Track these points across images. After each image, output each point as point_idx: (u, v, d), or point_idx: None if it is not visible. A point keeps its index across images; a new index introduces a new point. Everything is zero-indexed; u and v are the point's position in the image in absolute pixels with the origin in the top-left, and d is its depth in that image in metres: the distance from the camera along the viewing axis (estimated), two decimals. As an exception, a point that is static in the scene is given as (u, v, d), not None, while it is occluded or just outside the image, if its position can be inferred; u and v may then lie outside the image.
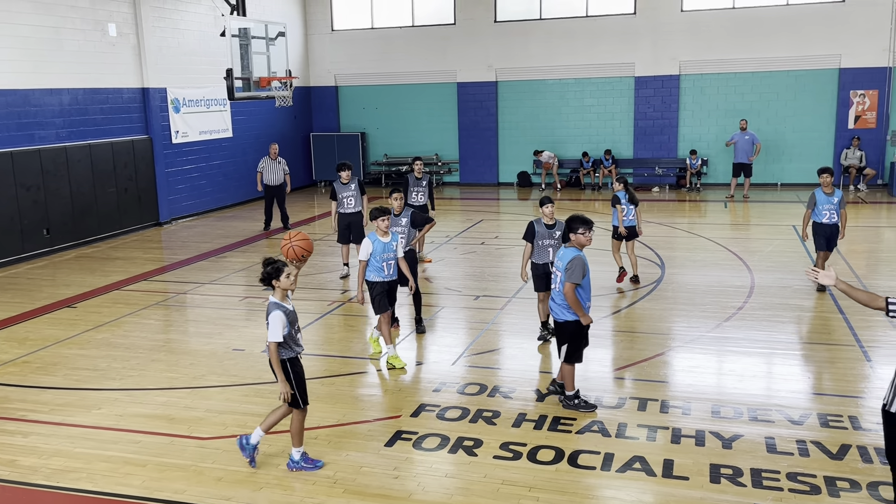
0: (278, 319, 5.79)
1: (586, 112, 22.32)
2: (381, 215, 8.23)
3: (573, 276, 6.79)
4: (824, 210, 10.84)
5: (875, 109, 20.11)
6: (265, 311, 5.97)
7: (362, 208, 12.17)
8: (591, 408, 7.07)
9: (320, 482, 5.91)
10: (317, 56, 24.18)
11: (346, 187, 12.03)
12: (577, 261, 6.82)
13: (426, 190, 12.99)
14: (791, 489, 5.62)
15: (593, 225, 7.12)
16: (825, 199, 10.87)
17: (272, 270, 5.86)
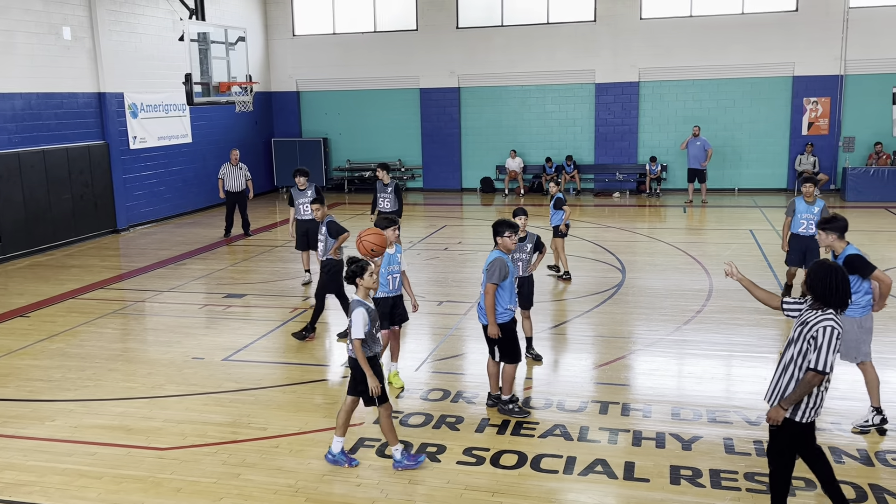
0: (360, 317, 5.89)
1: (548, 118, 22.51)
2: (390, 225, 7.73)
3: (493, 276, 6.77)
4: (802, 219, 10.06)
5: (827, 116, 20.63)
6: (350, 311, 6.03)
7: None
8: (525, 413, 7.04)
9: (282, 491, 5.84)
10: (278, 61, 24.01)
11: (302, 193, 11.94)
12: (498, 262, 6.80)
13: (392, 196, 12.93)
14: (749, 489, 5.71)
15: (518, 229, 7.12)
16: (805, 208, 10.08)
17: (357, 269, 6.00)
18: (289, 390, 7.93)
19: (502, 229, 7.01)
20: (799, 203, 10.14)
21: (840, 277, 4.79)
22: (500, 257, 6.85)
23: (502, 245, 7.00)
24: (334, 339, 9.90)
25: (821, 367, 4.71)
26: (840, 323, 4.75)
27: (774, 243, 14.55)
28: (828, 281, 4.78)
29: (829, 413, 7.05)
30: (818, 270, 4.85)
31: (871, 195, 19.20)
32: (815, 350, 4.73)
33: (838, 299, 4.78)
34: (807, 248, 9.99)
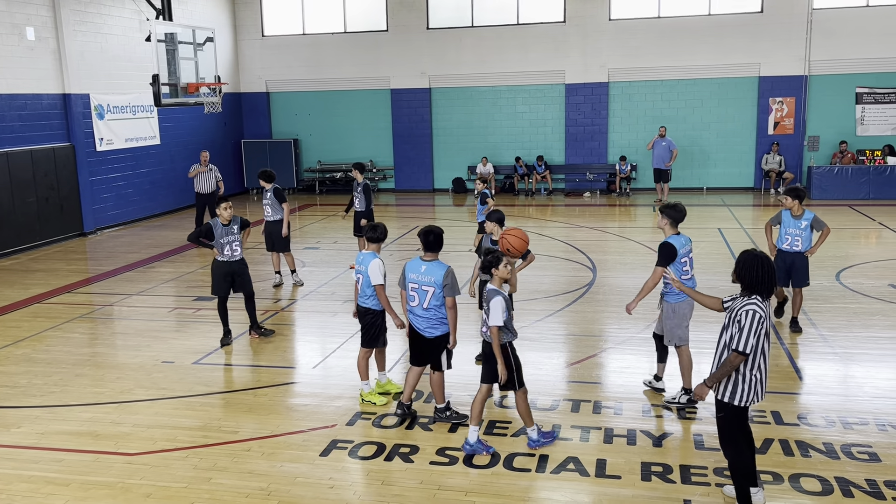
0: (499, 305, 6.12)
1: (519, 119, 22.61)
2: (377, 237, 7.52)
3: (454, 290, 6.56)
4: (787, 234, 9.10)
5: (793, 116, 20.98)
6: (486, 299, 6.28)
7: (283, 216, 11.94)
8: (463, 417, 6.96)
9: (254, 494, 5.80)
10: (247, 62, 23.81)
11: (264, 195, 11.93)
12: (452, 274, 6.60)
13: (361, 196, 12.94)
14: (718, 483, 5.79)
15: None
16: (791, 222, 9.06)
17: (493, 259, 6.29)
18: (260, 393, 7.86)
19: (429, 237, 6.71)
20: (785, 215, 9.13)
21: (767, 267, 5.03)
22: (452, 269, 6.67)
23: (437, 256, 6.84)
24: (305, 343, 9.86)
25: (741, 348, 4.97)
26: (764, 308, 4.99)
27: (743, 242, 14.77)
28: (755, 270, 5.02)
29: (796, 408, 7.17)
30: (747, 260, 5.09)
31: (836, 193, 19.56)
32: (739, 331, 4.99)
33: (765, 287, 5.03)
34: (791, 265, 9.06)
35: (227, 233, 9.19)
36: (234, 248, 9.26)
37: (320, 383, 8.16)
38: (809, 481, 5.79)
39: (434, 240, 6.71)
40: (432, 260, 6.71)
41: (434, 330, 6.73)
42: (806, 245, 9.04)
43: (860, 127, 20.73)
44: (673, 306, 7.25)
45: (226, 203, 9.28)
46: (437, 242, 6.72)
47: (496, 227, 8.26)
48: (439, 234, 6.76)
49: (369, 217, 12.84)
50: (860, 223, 16.61)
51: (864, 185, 19.53)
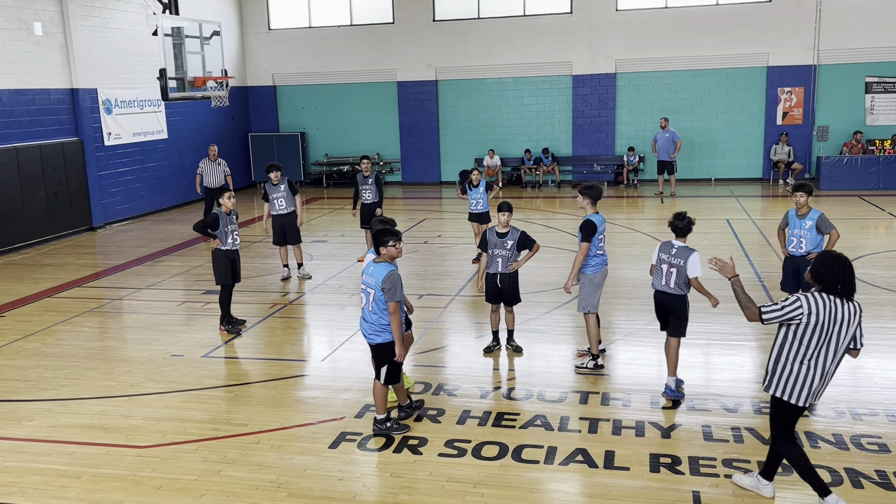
0: (696, 258, 6.93)
1: (526, 110, 22.55)
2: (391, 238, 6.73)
3: (395, 294, 6.21)
4: (792, 236, 8.63)
5: (801, 106, 20.86)
6: (682, 256, 6.97)
7: (296, 208, 12.02)
8: (405, 428, 6.63)
9: (263, 486, 5.83)
10: (253, 55, 23.82)
11: (276, 188, 11.92)
12: (394, 277, 6.24)
13: (373, 188, 12.94)
14: (727, 475, 5.79)
15: (401, 236, 6.52)
16: (796, 223, 8.58)
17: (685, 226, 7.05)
18: (269, 386, 7.90)
19: (386, 238, 6.39)
20: (791, 216, 8.68)
21: (846, 267, 4.93)
22: (393, 271, 6.27)
23: (387, 255, 6.41)
24: (313, 335, 9.89)
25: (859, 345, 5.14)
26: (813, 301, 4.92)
27: (751, 233, 14.73)
28: (835, 269, 4.93)
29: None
30: (826, 260, 4.98)
31: (845, 184, 19.45)
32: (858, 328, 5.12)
33: (844, 287, 4.93)
34: (797, 268, 8.57)
35: (229, 222, 9.50)
36: (235, 238, 9.58)
37: (329, 376, 8.19)
38: (820, 472, 5.76)
39: (375, 236, 6.37)
40: (381, 261, 6.39)
41: (376, 336, 6.40)
42: (810, 247, 8.43)
43: (870, 117, 20.58)
44: (590, 277, 7.85)
45: (229, 193, 9.68)
46: (375, 239, 6.36)
47: (509, 216, 8.26)
48: (375, 233, 6.38)
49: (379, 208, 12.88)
50: (870, 213, 16.52)
51: (873, 175, 19.41)
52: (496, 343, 8.67)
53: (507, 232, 8.29)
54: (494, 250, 8.30)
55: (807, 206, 8.52)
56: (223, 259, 9.50)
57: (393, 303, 6.23)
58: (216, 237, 9.44)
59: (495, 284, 8.33)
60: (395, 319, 6.26)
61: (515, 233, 8.31)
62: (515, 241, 8.27)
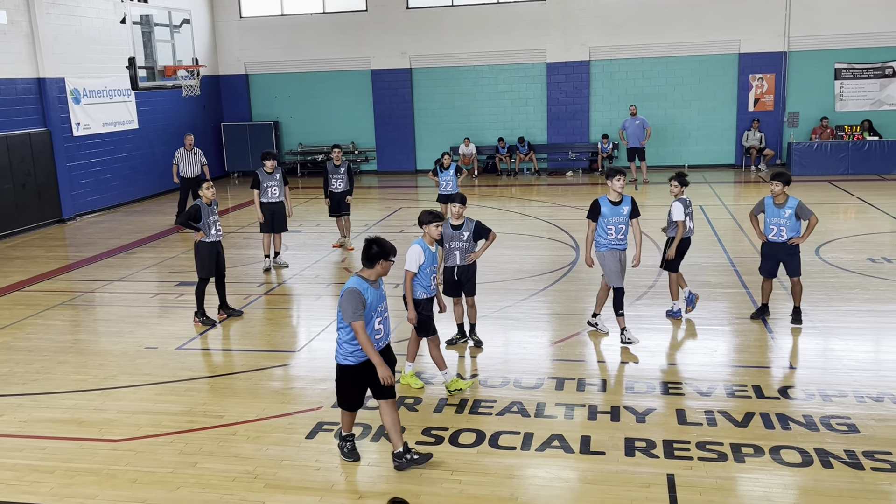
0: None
1: (500, 98, 22.53)
2: (433, 220, 7.04)
3: (347, 314, 5.51)
4: (771, 224, 8.56)
5: (773, 92, 21.07)
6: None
7: (285, 198, 12.05)
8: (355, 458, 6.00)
9: (240, 478, 5.81)
10: (225, 44, 23.53)
11: (270, 176, 11.90)
12: (346, 295, 5.52)
13: (345, 177, 12.99)
14: (700, 457, 5.87)
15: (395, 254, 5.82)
16: (774, 211, 8.53)
17: None
18: (245, 377, 7.86)
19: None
20: (767, 204, 8.60)
21: None
22: (354, 289, 5.53)
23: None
24: (290, 326, 9.85)
25: None
26: None
27: (724, 218, 14.88)
28: None
29: (776, 382, 7.27)
30: None
31: (815, 169, 19.70)
32: None
33: None
34: (780, 256, 8.60)
35: (211, 213, 9.39)
36: (218, 228, 9.47)
37: (305, 366, 8.17)
38: (790, 453, 5.88)
39: (364, 253, 5.64)
40: (356, 274, 5.72)
41: (337, 355, 5.83)
42: (790, 233, 8.46)
43: (839, 103, 20.86)
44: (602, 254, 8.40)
45: (208, 183, 9.55)
46: (366, 256, 5.63)
47: (461, 208, 8.02)
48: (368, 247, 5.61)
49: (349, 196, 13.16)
50: (839, 199, 16.76)
51: (843, 160, 19.68)
52: (461, 336, 8.52)
53: (462, 223, 8.07)
54: (451, 243, 8.10)
55: (783, 195, 8.49)
56: (207, 251, 9.39)
57: (350, 321, 5.52)
58: (200, 229, 9.32)
59: (454, 277, 8.15)
60: (360, 339, 5.53)
61: (470, 223, 8.11)
62: (471, 231, 8.10)
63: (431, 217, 7.10)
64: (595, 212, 8.39)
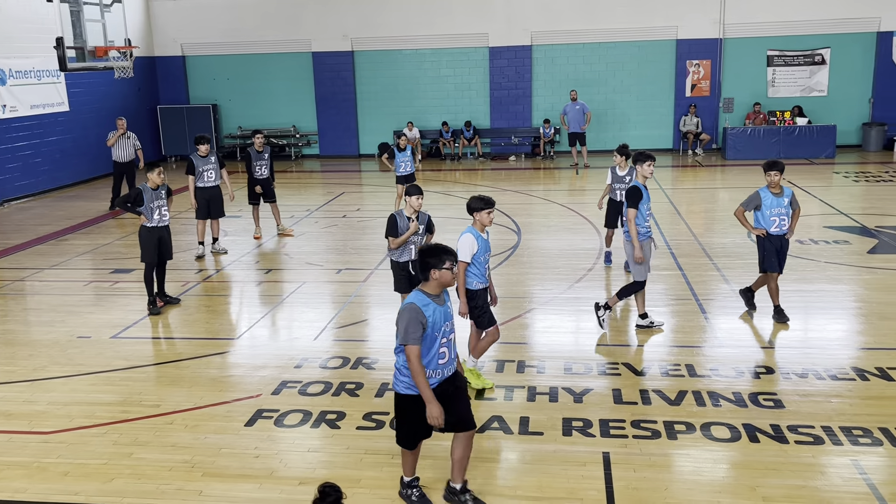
0: None
1: (443, 83, 22.49)
2: (485, 206, 6.57)
3: (403, 334, 4.75)
4: (773, 217, 8.21)
5: (709, 78, 21.54)
6: None
7: (224, 182, 11.86)
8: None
9: (177, 467, 5.72)
10: (160, 24, 22.86)
11: (205, 161, 11.63)
12: (405, 312, 4.77)
13: (269, 163, 12.92)
14: (635, 435, 6.02)
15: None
16: (774, 202, 8.19)
17: None
18: (182, 366, 7.73)
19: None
20: (765, 196, 8.24)
21: None
22: (413, 306, 4.77)
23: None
24: (229, 313, 9.71)
25: None
26: None
27: (662, 202, 15.19)
28: None
29: (708, 360, 7.50)
30: None
31: (749, 153, 20.22)
32: None
33: None
34: (782, 248, 8.32)
35: (156, 197, 9.16)
36: (162, 214, 9.25)
37: (245, 353, 8.08)
38: (719, 429, 6.08)
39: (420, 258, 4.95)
40: (417, 290, 4.94)
41: (395, 382, 5.02)
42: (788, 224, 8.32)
43: (771, 89, 21.47)
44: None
45: (159, 168, 9.35)
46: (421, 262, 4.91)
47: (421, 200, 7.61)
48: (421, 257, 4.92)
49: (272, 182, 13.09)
50: (771, 182, 17.26)
51: (775, 144, 20.28)
52: None
53: (418, 216, 7.64)
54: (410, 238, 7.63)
55: (779, 186, 8.24)
56: (148, 236, 9.17)
57: (404, 344, 4.74)
58: (141, 213, 9.11)
59: (408, 272, 7.66)
60: (413, 367, 4.76)
61: (424, 216, 7.74)
62: (425, 224, 7.74)
63: (483, 203, 6.56)
64: (638, 198, 7.93)
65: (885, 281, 9.84)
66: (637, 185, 8.04)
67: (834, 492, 5.20)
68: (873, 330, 8.10)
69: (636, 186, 8.02)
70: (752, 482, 5.33)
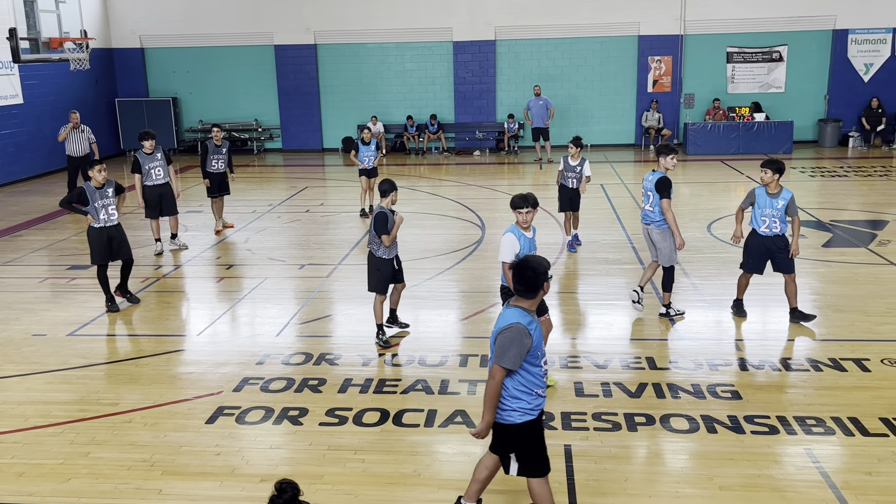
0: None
1: (408, 77, 22.43)
2: (522, 205, 6.38)
3: (504, 356, 4.30)
4: (763, 216, 8.00)
5: (670, 74, 21.82)
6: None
7: (170, 179, 11.55)
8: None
9: (136, 466, 5.64)
10: (118, 15, 22.42)
11: (150, 157, 11.36)
12: (513, 334, 4.29)
13: (226, 157, 12.85)
14: (596, 428, 6.09)
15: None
16: (767, 201, 7.96)
17: None
18: (142, 363, 7.61)
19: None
20: (759, 194, 8.04)
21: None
22: (519, 326, 4.29)
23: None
24: (189, 309, 9.59)
25: None
26: None
27: (624, 197, 15.36)
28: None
29: (668, 353, 7.61)
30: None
31: (709, 149, 20.56)
32: None
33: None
34: (764, 251, 8.09)
35: (101, 196, 8.89)
36: (109, 213, 8.97)
37: (206, 350, 7.98)
38: (679, 420, 6.18)
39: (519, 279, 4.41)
40: (514, 306, 4.46)
41: (501, 411, 4.49)
42: (783, 227, 8.02)
43: (731, 85, 21.81)
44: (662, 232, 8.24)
45: (100, 166, 8.99)
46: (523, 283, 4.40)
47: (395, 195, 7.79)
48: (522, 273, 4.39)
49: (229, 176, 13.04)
50: (730, 177, 17.58)
51: (734, 140, 20.62)
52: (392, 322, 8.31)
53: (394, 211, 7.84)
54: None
55: (777, 185, 7.94)
56: (96, 237, 8.90)
57: (494, 364, 4.36)
58: (87, 213, 8.86)
59: (395, 267, 7.84)
60: (489, 386, 4.39)
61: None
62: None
63: (522, 202, 6.42)
64: (669, 187, 8.15)
65: (839, 274, 10.08)
66: (666, 177, 8.19)
67: (788, 480, 5.32)
68: (827, 322, 8.29)
69: (667, 177, 8.17)
70: (709, 472, 5.44)
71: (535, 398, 4.45)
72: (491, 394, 4.38)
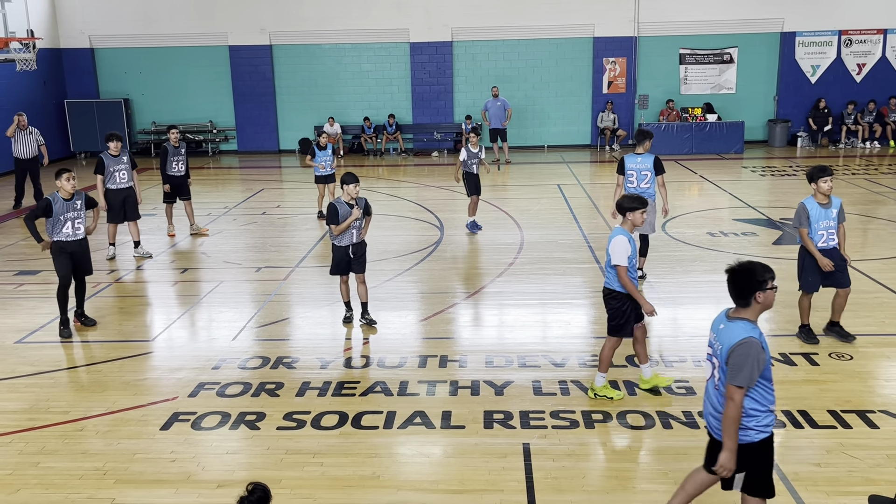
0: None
1: (365, 78, 22.34)
2: (639, 206, 6.25)
3: (740, 375, 4.08)
4: (820, 230, 7.40)
5: (625, 76, 22.11)
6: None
7: (134, 183, 11.33)
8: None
9: (88, 475, 5.52)
10: (66, 15, 21.89)
11: (116, 160, 11.11)
12: (747, 348, 4.07)
13: (185, 159, 12.68)
14: (554, 426, 6.15)
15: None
16: (821, 214, 7.37)
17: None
18: (93, 370, 7.45)
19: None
20: (811, 207, 7.40)
21: None
22: (753, 340, 4.08)
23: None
24: (143, 314, 9.41)
25: None
26: None
27: (580, 197, 15.52)
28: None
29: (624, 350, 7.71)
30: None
31: (663, 149, 20.74)
32: None
33: None
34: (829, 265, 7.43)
35: (69, 209, 8.14)
36: (76, 227, 8.23)
37: (161, 355, 7.84)
38: (635, 416, 6.27)
39: (735, 286, 4.24)
40: (737, 318, 4.24)
41: (746, 434, 4.23)
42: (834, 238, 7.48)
43: (684, 86, 22.20)
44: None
45: (68, 174, 8.18)
46: (740, 291, 4.21)
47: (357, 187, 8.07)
48: (736, 278, 4.24)
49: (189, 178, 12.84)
50: (684, 176, 17.90)
51: (687, 140, 20.99)
52: (351, 311, 8.60)
53: (356, 203, 8.11)
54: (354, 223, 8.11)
55: (828, 195, 7.42)
56: (58, 251, 8.14)
57: (731, 385, 4.10)
58: (41, 241, 8.13)
59: (348, 255, 8.22)
60: (730, 409, 4.12)
61: (361, 200, 8.20)
62: (363, 208, 8.19)
63: (638, 203, 6.26)
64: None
65: (789, 271, 10.25)
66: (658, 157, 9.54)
67: (741, 473, 5.42)
68: (778, 317, 8.48)
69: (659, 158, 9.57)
70: (664, 467, 5.53)
71: (768, 414, 4.25)
72: (732, 417, 4.11)
